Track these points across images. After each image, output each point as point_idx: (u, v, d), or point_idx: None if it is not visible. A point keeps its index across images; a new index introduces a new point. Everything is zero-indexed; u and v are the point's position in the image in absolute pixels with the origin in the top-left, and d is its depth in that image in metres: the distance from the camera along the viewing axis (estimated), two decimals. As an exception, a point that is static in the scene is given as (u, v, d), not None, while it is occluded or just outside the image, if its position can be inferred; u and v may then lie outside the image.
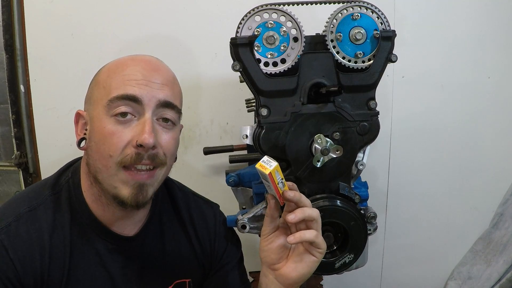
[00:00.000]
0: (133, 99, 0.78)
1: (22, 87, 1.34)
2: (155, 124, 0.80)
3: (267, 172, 0.73)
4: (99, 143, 0.78)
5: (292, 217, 0.75)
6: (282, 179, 0.76)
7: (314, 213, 0.78)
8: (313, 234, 0.77)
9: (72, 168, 0.90)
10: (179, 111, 0.85)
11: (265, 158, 0.75)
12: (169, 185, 0.98)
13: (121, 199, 0.79)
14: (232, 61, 0.87)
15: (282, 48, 0.88)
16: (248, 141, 0.92)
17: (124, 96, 0.77)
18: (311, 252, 0.80)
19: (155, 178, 0.82)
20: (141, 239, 0.90)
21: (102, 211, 0.84)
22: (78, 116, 0.85)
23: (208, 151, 1.29)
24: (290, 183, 0.80)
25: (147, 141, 0.76)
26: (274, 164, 0.74)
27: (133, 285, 0.88)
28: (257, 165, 0.74)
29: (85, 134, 0.83)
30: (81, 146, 0.83)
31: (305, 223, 0.79)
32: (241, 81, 0.95)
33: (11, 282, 0.76)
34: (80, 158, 0.91)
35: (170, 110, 0.82)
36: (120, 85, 0.78)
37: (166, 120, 0.82)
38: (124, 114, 0.78)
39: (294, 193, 0.77)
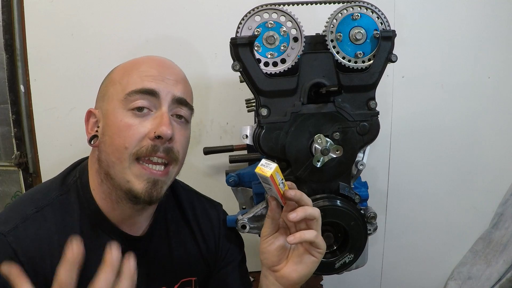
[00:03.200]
0: (150, 93, 0.79)
1: (22, 87, 1.34)
2: (171, 119, 0.81)
3: (268, 175, 0.72)
4: (114, 136, 0.79)
5: (293, 215, 0.75)
6: (282, 179, 0.75)
7: (315, 212, 0.78)
8: (313, 234, 0.77)
9: (79, 168, 0.90)
10: (191, 108, 0.87)
11: (263, 161, 0.74)
12: (173, 184, 0.98)
13: (134, 193, 0.79)
14: (232, 61, 0.87)
15: (282, 48, 0.88)
16: (248, 141, 0.92)
17: (142, 90, 0.79)
18: (311, 253, 0.80)
19: (168, 175, 0.83)
20: (148, 239, 0.90)
21: (112, 210, 0.84)
22: (89, 114, 0.86)
23: (208, 151, 1.29)
24: (289, 182, 0.80)
25: (165, 132, 0.77)
26: (273, 166, 0.73)
27: (140, 285, 0.88)
28: (257, 170, 0.74)
29: (96, 131, 0.83)
30: (92, 143, 0.83)
31: (306, 223, 0.79)
32: (241, 81, 0.95)
33: None
34: (85, 158, 0.91)
35: (184, 107, 0.84)
36: (137, 80, 0.80)
37: (180, 116, 0.84)
38: (141, 108, 0.79)
39: (295, 192, 0.77)
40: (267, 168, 0.73)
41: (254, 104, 1.04)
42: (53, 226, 0.80)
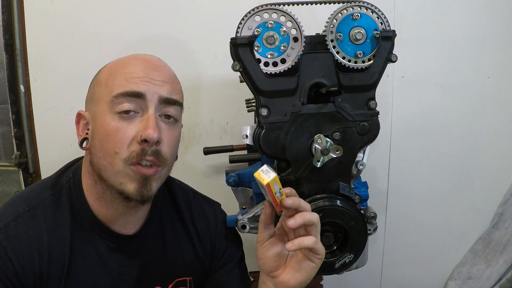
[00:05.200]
0: (136, 95, 0.79)
1: (22, 87, 1.34)
2: (158, 121, 0.81)
3: (264, 182, 0.72)
4: (103, 140, 0.79)
5: (292, 222, 0.74)
6: (280, 189, 0.74)
7: (314, 217, 0.77)
8: (312, 240, 0.76)
9: (72, 168, 0.90)
10: (180, 105, 0.86)
11: (264, 167, 0.74)
12: (169, 183, 0.98)
13: (127, 194, 0.79)
14: (232, 61, 0.87)
15: (282, 48, 0.88)
16: (248, 141, 0.92)
17: (128, 92, 0.79)
18: (310, 259, 0.79)
19: (158, 175, 0.82)
20: (141, 238, 0.90)
21: (105, 209, 0.84)
22: (79, 116, 0.86)
23: (208, 151, 1.29)
24: (288, 189, 0.78)
25: (151, 136, 0.77)
26: (272, 175, 0.72)
27: (133, 284, 0.89)
28: (256, 174, 0.73)
29: (87, 134, 0.83)
30: (83, 146, 0.83)
31: (305, 228, 0.78)
32: (241, 81, 0.95)
33: (11, 281, 0.76)
34: (80, 158, 0.91)
35: (172, 106, 0.83)
36: (123, 83, 0.80)
37: (168, 116, 0.83)
38: (127, 111, 0.79)
39: (292, 200, 0.75)
40: (265, 175, 0.72)
41: (254, 104, 1.04)
42: (43, 225, 0.81)
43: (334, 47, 0.89)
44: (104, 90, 0.81)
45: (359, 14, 0.89)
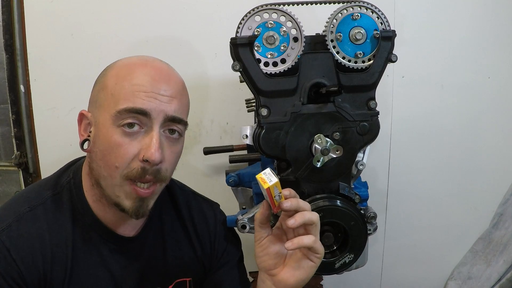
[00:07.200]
0: (141, 113, 0.77)
1: (22, 87, 1.34)
2: (162, 137, 0.80)
3: (265, 186, 0.72)
4: (104, 152, 0.78)
5: (292, 222, 0.74)
6: (280, 193, 0.74)
7: (314, 216, 0.76)
8: (311, 239, 0.76)
9: (73, 168, 0.90)
10: (185, 124, 0.85)
11: (267, 170, 0.74)
12: (169, 184, 0.97)
13: (122, 208, 0.80)
14: (232, 61, 0.87)
15: (282, 48, 0.88)
16: (248, 141, 0.92)
17: (133, 109, 0.77)
18: (309, 257, 0.79)
19: (155, 193, 0.83)
20: (142, 239, 0.90)
21: (104, 212, 0.85)
22: (81, 116, 0.84)
23: (208, 151, 1.29)
24: (287, 190, 0.77)
25: (154, 157, 0.76)
26: (274, 180, 0.73)
27: (134, 285, 0.89)
28: (258, 176, 0.73)
29: (88, 135, 0.83)
30: (84, 147, 0.83)
31: (304, 227, 0.77)
32: (241, 81, 0.95)
33: (16, 282, 0.76)
34: (81, 158, 0.91)
35: (177, 124, 0.82)
36: (129, 96, 0.77)
37: (172, 131, 0.82)
38: (131, 124, 0.77)
39: (291, 202, 0.75)
40: (267, 179, 0.73)
41: (254, 104, 1.04)
42: (45, 225, 0.81)
43: (334, 47, 0.89)
44: (110, 99, 0.79)
45: (359, 14, 0.89)
